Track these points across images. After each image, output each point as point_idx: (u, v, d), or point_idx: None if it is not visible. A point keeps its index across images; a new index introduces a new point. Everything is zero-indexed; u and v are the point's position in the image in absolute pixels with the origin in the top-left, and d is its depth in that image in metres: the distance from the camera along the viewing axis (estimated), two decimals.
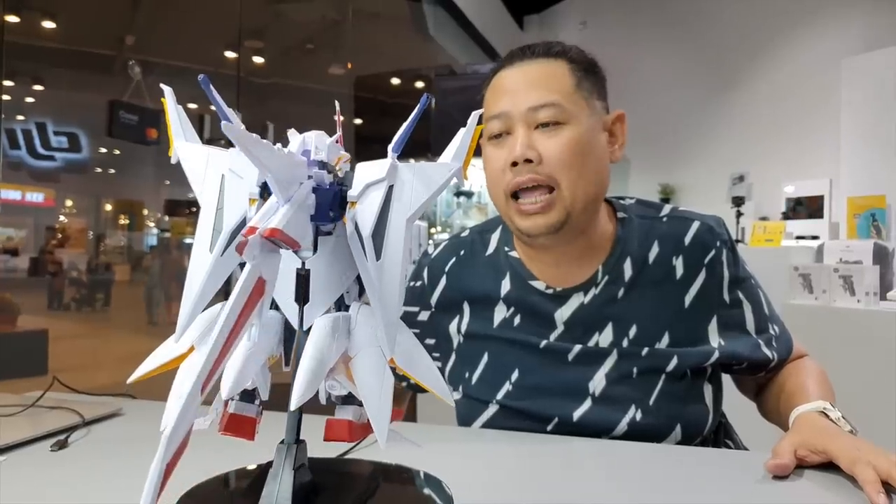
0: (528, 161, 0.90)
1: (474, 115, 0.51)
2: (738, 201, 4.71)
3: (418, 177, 0.48)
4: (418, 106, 0.48)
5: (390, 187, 0.47)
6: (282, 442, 0.51)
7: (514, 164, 0.90)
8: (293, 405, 0.42)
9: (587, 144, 0.92)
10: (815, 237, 4.52)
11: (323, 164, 0.48)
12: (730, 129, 6.87)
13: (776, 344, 0.99)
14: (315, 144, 0.49)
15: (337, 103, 0.55)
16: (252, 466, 0.63)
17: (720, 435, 1.05)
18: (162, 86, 0.51)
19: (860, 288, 2.40)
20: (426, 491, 0.61)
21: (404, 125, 0.49)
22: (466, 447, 0.90)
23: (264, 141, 0.41)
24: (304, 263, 0.48)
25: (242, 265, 0.42)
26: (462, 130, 0.51)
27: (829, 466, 0.73)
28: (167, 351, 0.45)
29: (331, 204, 0.47)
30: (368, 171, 0.48)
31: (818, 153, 6.07)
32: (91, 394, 1.11)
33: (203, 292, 0.42)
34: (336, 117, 0.57)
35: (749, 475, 0.74)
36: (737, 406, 1.11)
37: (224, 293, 0.43)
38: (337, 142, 0.52)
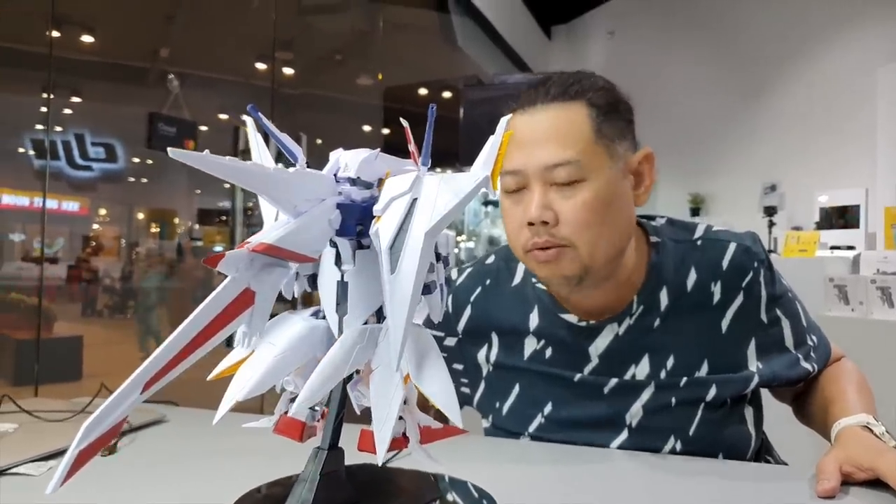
0: (544, 223, 0.85)
1: (503, 122, 0.49)
2: (770, 211, 4.64)
3: (442, 188, 0.47)
4: (429, 118, 0.48)
5: (414, 200, 0.47)
6: (318, 448, 0.52)
7: (531, 223, 0.85)
8: (291, 412, 0.47)
9: (607, 199, 0.86)
10: (850, 247, 4.43)
11: (354, 181, 0.49)
12: (762, 137, 6.77)
13: (815, 355, 0.97)
14: (345, 162, 0.50)
15: (405, 122, 0.53)
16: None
17: (761, 451, 1.03)
18: (244, 117, 0.53)
19: None
20: (464, 500, 0.61)
21: (425, 139, 0.49)
22: (508, 459, 0.90)
23: (248, 163, 0.43)
24: (343, 275, 0.49)
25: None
26: (492, 138, 0.50)
27: (875, 483, 0.71)
28: (237, 354, 0.48)
29: (359, 219, 0.48)
30: (395, 185, 0.48)
31: (853, 162, 5.95)
32: None
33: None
34: (408, 138, 0.56)
35: (792, 491, 0.74)
36: (771, 420, 1.09)
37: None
38: (409, 156, 0.52)
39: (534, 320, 0.98)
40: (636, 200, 0.92)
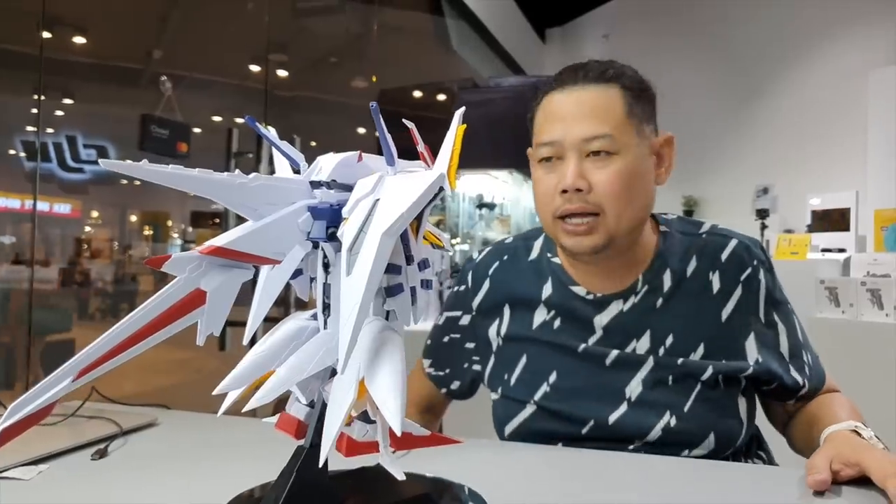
0: (578, 190, 0.92)
1: (457, 115, 0.48)
2: (762, 214, 4.66)
3: (400, 188, 0.46)
4: (374, 116, 0.47)
5: (376, 201, 0.46)
6: (300, 446, 0.53)
7: (565, 191, 0.93)
8: (247, 406, 0.48)
9: (635, 173, 0.95)
10: (841, 250, 4.46)
11: (329, 184, 0.49)
12: (754, 140, 6.81)
13: (808, 371, 1.00)
14: (321, 166, 0.50)
15: (409, 123, 0.52)
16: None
17: (752, 446, 1.06)
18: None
19: (888, 301, 2.35)
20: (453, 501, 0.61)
21: (381, 139, 0.49)
22: (497, 458, 0.90)
23: (195, 170, 0.43)
24: (327, 277, 0.50)
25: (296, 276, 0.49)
26: (448, 135, 0.49)
27: (862, 482, 0.72)
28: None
29: (331, 221, 0.48)
30: (362, 186, 0.48)
31: (844, 165, 5.99)
32: (124, 403, 1.13)
33: (259, 301, 0.49)
34: (415, 139, 0.55)
35: (782, 491, 0.74)
36: (767, 422, 1.10)
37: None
38: (420, 157, 0.52)
39: (547, 290, 1.05)
40: (657, 179, 1.01)
